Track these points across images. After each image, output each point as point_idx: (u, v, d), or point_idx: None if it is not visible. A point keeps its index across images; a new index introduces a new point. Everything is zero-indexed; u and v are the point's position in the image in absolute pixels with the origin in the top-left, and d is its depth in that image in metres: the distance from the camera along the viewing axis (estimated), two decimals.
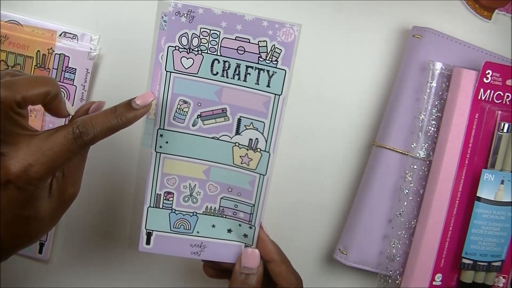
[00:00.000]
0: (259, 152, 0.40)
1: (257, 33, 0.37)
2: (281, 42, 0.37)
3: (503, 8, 0.52)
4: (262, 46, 0.37)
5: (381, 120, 0.51)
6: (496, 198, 0.47)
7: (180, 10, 0.37)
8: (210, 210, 0.41)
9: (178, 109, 0.39)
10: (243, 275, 0.40)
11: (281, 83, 0.38)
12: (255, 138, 0.39)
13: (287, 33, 0.37)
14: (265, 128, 0.39)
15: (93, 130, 0.35)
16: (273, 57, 0.38)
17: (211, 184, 0.41)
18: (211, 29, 0.37)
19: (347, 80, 0.51)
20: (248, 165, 0.40)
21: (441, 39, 0.49)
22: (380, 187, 0.49)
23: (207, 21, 0.37)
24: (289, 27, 0.37)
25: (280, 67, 0.38)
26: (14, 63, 0.48)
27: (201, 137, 0.40)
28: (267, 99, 0.38)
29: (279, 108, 0.39)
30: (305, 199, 0.52)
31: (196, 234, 0.41)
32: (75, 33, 0.49)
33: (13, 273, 0.51)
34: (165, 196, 0.41)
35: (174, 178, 0.40)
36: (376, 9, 0.51)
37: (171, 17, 0.37)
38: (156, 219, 0.41)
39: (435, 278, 0.48)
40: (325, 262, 0.53)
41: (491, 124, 0.47)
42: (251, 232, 0.41)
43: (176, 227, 0.41)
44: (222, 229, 0.42)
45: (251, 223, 0.41)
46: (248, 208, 0.41)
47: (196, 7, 0.37)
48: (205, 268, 0.45)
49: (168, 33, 0.38)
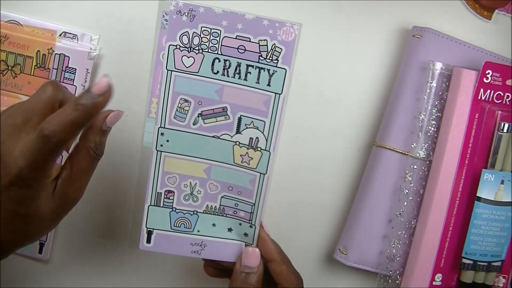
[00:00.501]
0: (259, 151, 0.40)
1: (258, 32, 0.37)
2: (282, 41, 0.37)
3: (503, 8, 0.52)
4: (263, 45, 0.38)
5: (381, 120, 0.51)
6: (496, 198, 0.47)
7: (181, 9, 0.37)
8: (210, 209, 0.41)
9: (179, 108, 0.39)
10: (244, 274, 0.40)
11: (281, 82, 0.38)
12: (255, 137, 0.39)
13: (287, 32, 0.37)
14: (266, 127, 0.39)
15: (58, 129, 0.34)
16: (273, 56, 0.38)
17: (212, 183, 0.41)
18: (211, 28, 0.38)
19: (347, 80, 0.51)
20: (248, 164, 0.40)
21: (441, 39, 0.49)
22: (380, 187, 0.49)
23: (208, 20, 0.37)
24: (289, 26, 0.37)
25: (280, 66, 0.38)
26: (14, 63, 0.48)
27: (202, 136, 0.40)
28: (268, 98, 0.39)
29: (279, 107, 0.39)
30: (305, 199, 0.52)
31: (196, 233, 0.41)
32: (75, 33, 0.49)
33: (13, 273, 0.51)
34: (165, 194, 0.41)
35: (175, 177, 0.40)
36: (376, 9, 0.51)
37: (172, 16, 0.37)
38: (157, 218, 0.41)
39: (435, 278, 0.48)
40: (325, 262, 0.53)
41: (491, 124, 0.47)
42: (252, 231, 0.41)
43: (176, 225, 0.41)
44: (223, 228, 0.42)
45: (251, 222, 0.41)
46: (248, 207, 0.41)
47: (197, 6, 0.37)
48: (205, 267, 0.45)
49: (169, 32, 0.38)
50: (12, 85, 0.48)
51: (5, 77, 0.48)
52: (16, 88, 0.48)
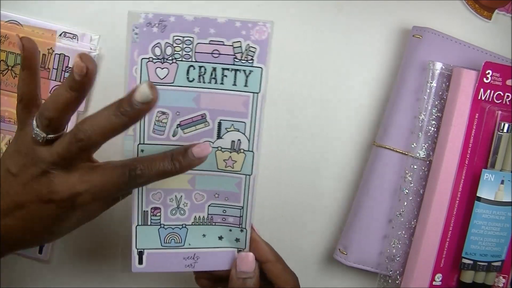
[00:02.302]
0: (242, 152, 0.39)
1: (231, 35, 0.37)
2: (255, 40, 0.37)
3: (503, 8, 0.52)
4: (237, 46, 0.37)
5: (381, 120, 0.51)
6: (496, 198, 0.47)
7: (151, 20, 0.37)
8: (199, 220, 0.41)
9: (157, 121, 0.38)
10: (241, 280, 0.40)
11: (258, 81, 0.38)
12: (237, 139, 0.39)
13: (260, 31, 0.37)
14: (247, 128, 0.39)
15: (148, 173, 0.34)
16: (248, 56, 0.38)
17: (198, 193, 0.40)
18: (184, 36, 0.37)
19: (347, 80, 0.51)
20: (232, 167, 0.40)
21: (441, 39, 0.49)
22: (380, 187, 0.49)
23: (180, 29, 0.37)
24: (262, 25, 0.37)
25: (256, 65, 0.38)
26: (14, 63, 0.48)
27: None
28: (246, 98, 0.38)
29: (258, 106, 0.38)
30: (305, 199, 0.52)
31: (188, 246, 0.41)
32: (75, 33, 0.49)
33: (13, 273, 0.51)
34: (152, 212, 0.40)
35: (160, 193, 0.40)
36: (376, 9, 0.51)
37: (143, 28, 0.37)
38: (146, 237, 0.40)
39: (435, 278, 0.48)
40: (325, 262, 0.53)
41: (491, 124, 0.47)
42: (243, 236, 0.41)
43: (167, 242, 0.40)
44: (213, 237, 0.41)
45: (241, 226, 0.41)
46: (237, 212, 0.41)
47: (167, 16, 0.36)
48: (198, 280, 0.44)
49: (140, 45, 0.37)
50: (12, 85, 0.48)
51: (5, 77, 0.48)
52: (16, 88, 0.48)
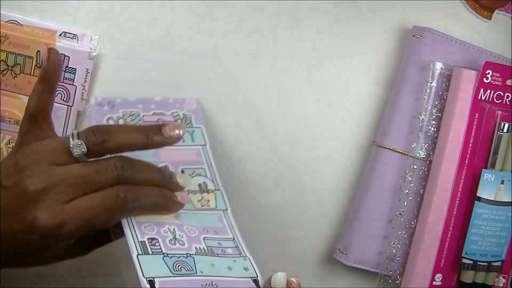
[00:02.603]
0: (212, 192, 0.43)
1: (169, 108, 0.46)
2: (188, 110, 0.46)
3: (503, 8, 0.52)
4: (176, 115, 0.45)
5: (381, 120, 0.51)
6: (496, 198, 0.47)
7: (101, 102, 0.45)
8: (200, 251, 0.39)
9: None
10: None
11: (202, 136, 0.45)
12: (203, 182, 0.43)
13: (189, 105, 0.46)
14: (207, 172, 0.44)
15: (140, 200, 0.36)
16: (187, 121, 0.46)
17: (188, 227, 0.39)
18: (131, 110, 0.45)
19: (347, 80, 0.51)
20: (208, 206, 0.42)
21: (441, 39, 0.49)
22: (380, 187, 0.49)
23: (126, 107, 0.45)
24: (189, 101, 0.47)
25: (196, 126, 0.46)
26: (14, 63, 0.48)
27: None
28: (197, 150, 0.44)
29: (209, 154, 0.44)
30: (305, 199, 0.52)
31: (200, 274, 0.37)
32: (75, 33, 0.49)
33: (13, 273, 0.51)
34: (150, 242, 0.37)
35: (151, 225, 0.38)
36: (376, 9, 0.51)
37: (95, 108, 0.44)
38: (152, 265, 0.37)
39: (435, 278, 0.48)
40: (325, 262, 0.53)
41: (491, 124, 0.47)
42: (248, 263, 0.39)
43: (177, 270, 0.37)
44: (222, 267, 0.39)
45: (241, 255, 0.40)
46: (231, 243, 0.40)
47: (113, 99, 0.45)
48: None
49: (95, 119, 0.44)
50: (12, 85, 0.48)
51: (5, 77, 0.48)
52: (16, 88, 0.48)
